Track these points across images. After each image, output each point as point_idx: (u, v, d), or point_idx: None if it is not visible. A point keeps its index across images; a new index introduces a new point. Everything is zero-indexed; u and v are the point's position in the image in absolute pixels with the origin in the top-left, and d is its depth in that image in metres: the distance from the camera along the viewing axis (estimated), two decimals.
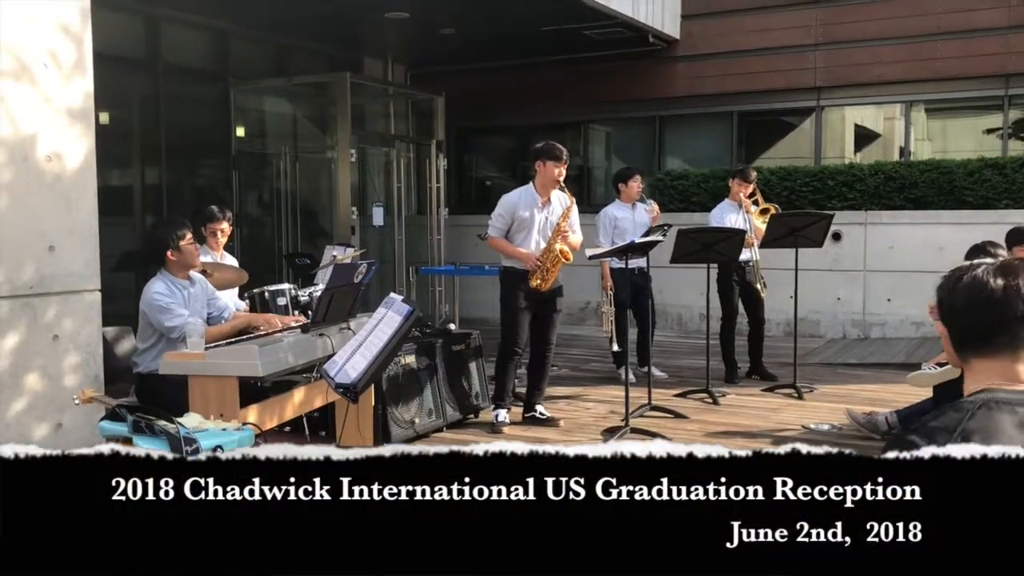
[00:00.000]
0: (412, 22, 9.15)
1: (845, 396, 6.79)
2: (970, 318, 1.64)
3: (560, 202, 6.04)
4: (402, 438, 5.60)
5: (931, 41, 9.92)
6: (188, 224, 4.71)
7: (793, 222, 7.07)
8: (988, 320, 1.62)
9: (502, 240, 6.00)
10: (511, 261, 6.01)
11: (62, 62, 4.22)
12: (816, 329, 9.89)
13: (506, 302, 6.02)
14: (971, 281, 1.65)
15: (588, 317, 11.10)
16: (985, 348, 1.63)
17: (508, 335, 6.02)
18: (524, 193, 6.04)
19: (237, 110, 9.71)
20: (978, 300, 1.63)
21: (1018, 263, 1.67)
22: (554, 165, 5.90)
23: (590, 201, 11.98)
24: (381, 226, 10.15)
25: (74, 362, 4.26)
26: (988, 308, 1.62)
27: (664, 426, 6.00)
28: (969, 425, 1.49)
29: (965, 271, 1.70)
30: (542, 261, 5.88)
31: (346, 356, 3.11)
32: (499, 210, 6.03)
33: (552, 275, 5.92)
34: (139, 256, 8.26)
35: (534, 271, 5.88)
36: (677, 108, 11.42)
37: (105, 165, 7.24)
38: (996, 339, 1.62)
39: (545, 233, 5.95)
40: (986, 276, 1.64)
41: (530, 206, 5.97)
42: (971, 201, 9.31)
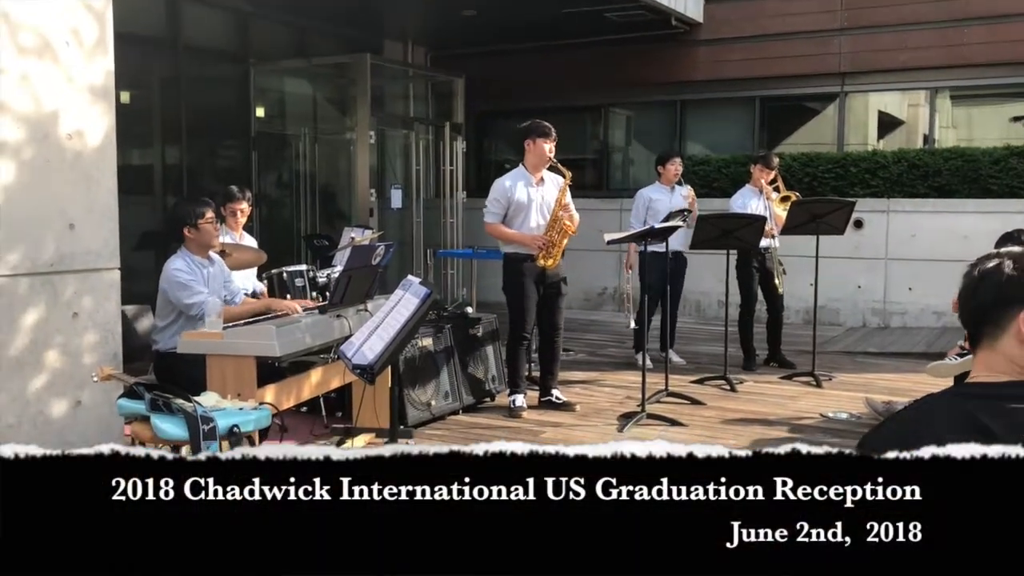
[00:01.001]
0: (433, 4, 9.11)
1: (864, 385, 6.74)
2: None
3: (553, 181, 5.98)
4: (418, 420, 5.61)
5: (958, 27, 9.77)
6: (210, 203, 4.70)
7: (815, 209, 7.00)
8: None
9: (500, 226, 5.95)
10: (512, 247, 5.95)
11: (84, 40, 4.22)
12: (836, 317, 9.81)
13: (511, 288, 5.99)
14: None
15: (605, 302, 11.08)
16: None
17: (516, 321, 6.00)
18: (516, 175, 5.98)
19: (257, 91, 9.71)
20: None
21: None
22: (544, 141, 5.83)
23: (609, 185, 11.94)
24: (399, 208, 10.14)
25: (93, 340, 4.28)
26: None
27: (681, 412, 5.98)
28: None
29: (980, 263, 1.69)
30: (548, 237, 5.84)
31: (363, 338, 3.11)
32: (493, 195, 5.97)
33: (559, 250, 5.86)
34: (159, 235, 8.31)
35: (541, 249, 5.84)
36: (699, 92, 11.33)
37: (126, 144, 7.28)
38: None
39: (543, 213, 5.89)
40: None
41: (524, 187, 5.91)
42: (996, 190, 9.19)
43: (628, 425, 5.67)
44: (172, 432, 2.89)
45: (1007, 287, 1.60)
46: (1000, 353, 1.59)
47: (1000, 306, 1.60)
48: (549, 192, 5.93)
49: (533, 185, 5.92)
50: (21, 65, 3.97)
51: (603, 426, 5.76)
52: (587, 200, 10.95)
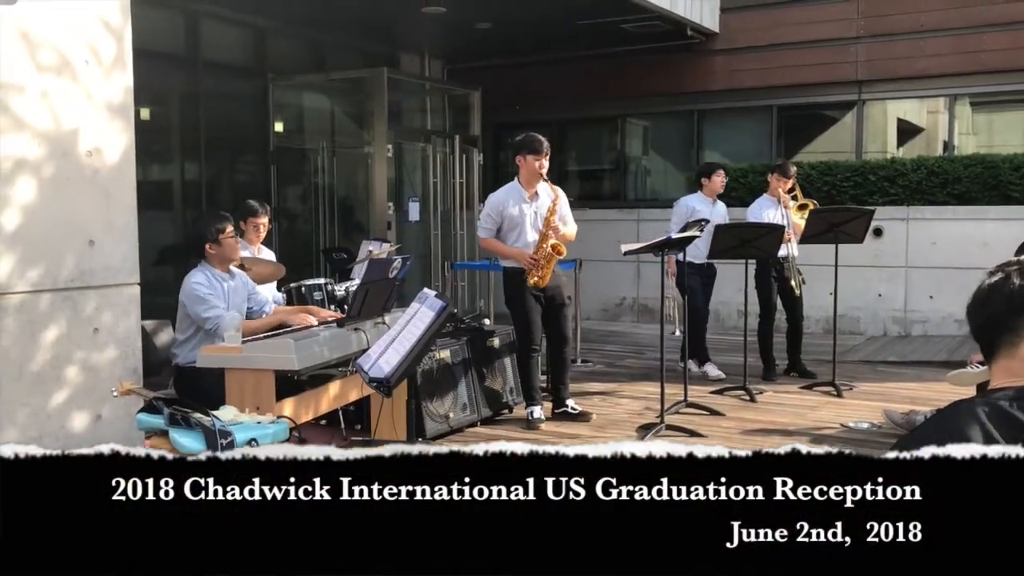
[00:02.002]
0: (449, 17, 9.15)
1: (885, 394, 6.68)
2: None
3: (548, 194, 5.96)
4: (436, 432, 5.61)
5: (976, 34, 9.71)
6: (228, 217, 4.75)
7: (833, 218, 6.96)
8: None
9: (494, 240, 5.95)
10: (509, 261, 5.97)
11: (103, 58, 4.26)
12: (856, 326, 9.75)
13: (513, 302, 6.00)
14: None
15: (624, 313, 11.05)
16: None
17: (522, 333, 6.00)
18: (510, 190, 5.98)
19: (275, 106, 9.78)
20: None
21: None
22: (534, 159, 5.82)
23: (626, 196, 11.92)
24: (417, 221, 10.17)
25: (113, 355, 4.31)
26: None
27: (700, 423, 5.95)
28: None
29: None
30: (536, 258, 5.83)
31: (380, 351, 3.12)
32: (486, 210, 5.98)
33: (548, 271, 5.86)
34: (179, 250, 8.37)
35: (530, 268, 5.83)
36: (715, 102, 11.31)
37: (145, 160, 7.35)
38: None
39: (538, 227, 5.88)
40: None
41: (517, 202, 5.90)
42: (1017, 196, 9.11)
43: (647, 436, 5.65)
44: (191, 446, 2.90)
45: (1019, 296, 1.62)
46: (1022, 359, 1.60)
47: (1014, 314, 1.62)
48: (544, 206, 5.91)
49: (527, 200, 5.91)
50: (40, 83, 4.02)
51: (622, 437, 5.73)
52: (604, 211, 10.97)
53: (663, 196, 8.13)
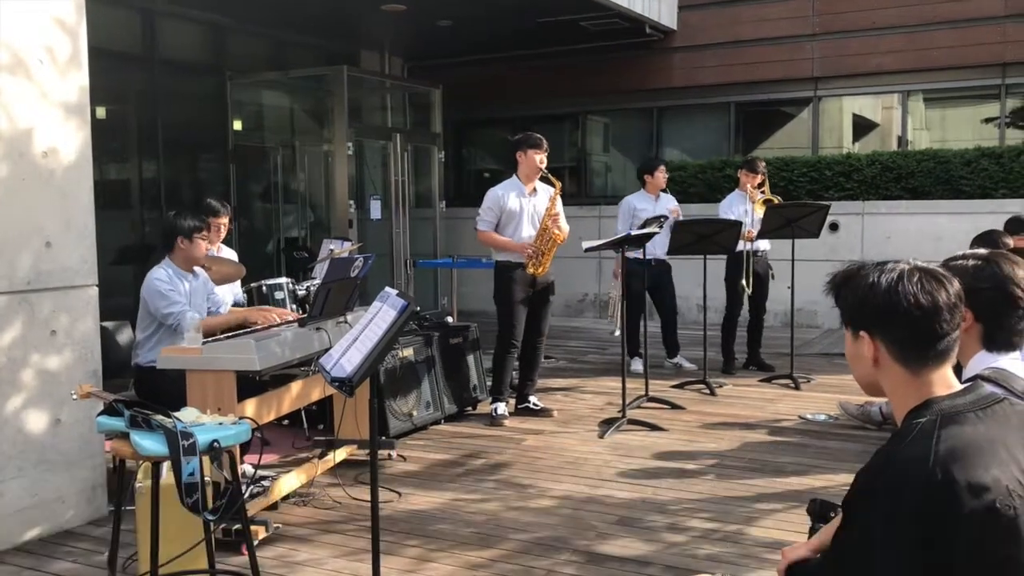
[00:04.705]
0: (409, 15, 9.14)
1: (842, 386, 6.81)
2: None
3: (546, 191, 6.09)
4: (400, 431, 5.62)
5: (927, 31, 9.91)
6: (207, 223, 4.76)
7: (789, 213, 7.07)
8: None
9: (492, 233, 6.03)
10: (504, 255, 6.04)
11: (58, 57, 4.21)
12: (814, 319, 9.90)
13: (502, 296, 6.05)
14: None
15: (586, 309, 11.12)
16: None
17: (505, 329, 6.05)
18: (509, 185, 6.08)
19: (234, 104, 9.70)
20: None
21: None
22: (535, 153, 5.95)
23: (588, 192, 12.00)
24: (379, 219, 10.15)
25: (71, 357, 4.27)
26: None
27: (661, 417, 6.03)
28: (942, 453, 1.48)
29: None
30: (537, 246, 5.91)
31: (342, 350, 3.12)
32: (486, 204, 6.07)
33: (548, 258, 5.96)
34: (138, 250, 8.28)
35: (530, 257, 5.91)
36: (675, 99, 11.42)
37: (103, 160, 7.26)
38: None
39: (535, 222, 6.00)
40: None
41: (517, 197, 6.01)
42: (968, 191, 9.31)
43: (609, 431, 5.71)
44: (152, 448, 2.89)
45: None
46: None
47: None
48: (541, 202, 6.03)
49: (525, 195, 6.01)
50: None
51: (584, 432, 5.79)
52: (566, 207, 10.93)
53: (624, 192, 8.19)
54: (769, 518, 4.22)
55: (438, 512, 4.39)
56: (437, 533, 4.11)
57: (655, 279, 7.42)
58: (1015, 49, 9.59)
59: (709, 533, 4.05)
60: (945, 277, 1.62)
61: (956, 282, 1.63)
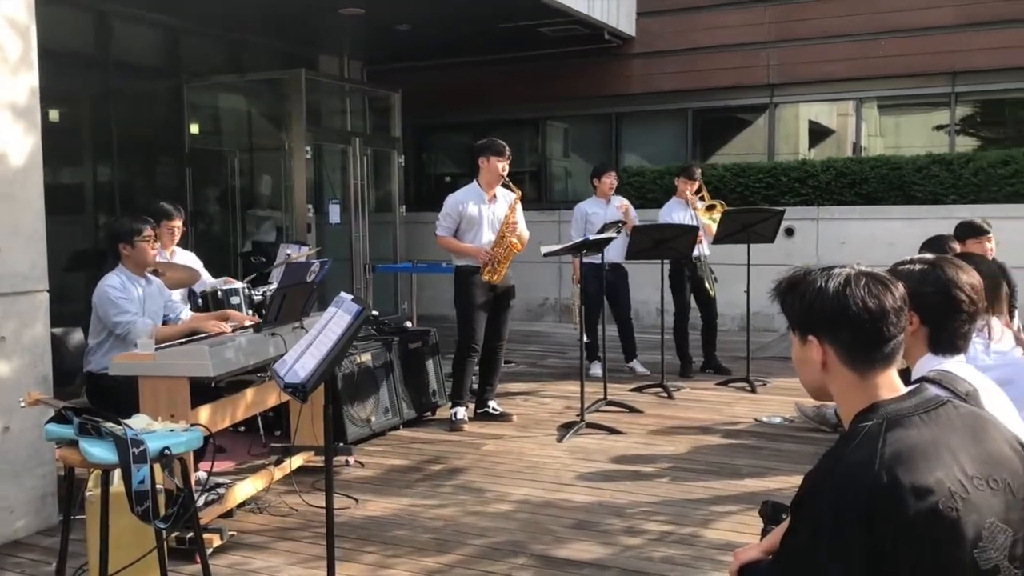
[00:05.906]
0: (367, 18, 9.10)
1: (797, 389, 6.81)
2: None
3: (505, 198, 6.10)
4: (358, 436, 5.59)
5: (875, 39, 10.09)
6: (150, 222, 4.67)
7: (744, 218, 7.16)
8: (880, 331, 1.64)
9: (451, 238, 6.05)
10: (464, 259, 6.04)
11: (7, 57, 4.14)
12: (770, 323, 9.99)
13: (461, 300, 6.05)
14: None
15: (546, 313, 11.14)
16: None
17: (465, 333, 6.05)
18: (469, 191, 6.09)
19: (190, 107, 9.59)
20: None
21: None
22: (497, 160, 5.97)
23: (548, 198, 12.03)
24: (338, 224, 10.09)
25: (20, 364, 4.19)
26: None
27: (619, 421, 6.06)
28: (887, 457, 1.50)
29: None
30: (493, 254, 5.93)
31: (296, 356, 3.10)
32: (445, 210, 6.08)
33: (503, 267, 5.97)
34: (91, 255, 8.15)
35: (486, 264, 5.92)
36: (633, 105, 11.50)
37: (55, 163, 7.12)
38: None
39: (495, 228, 6.02)
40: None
41: (477, 203, 6.02)
42: (920, 196, 9.48)
43: (568, 435, 5.72)
44: (101, 456, 2.84)
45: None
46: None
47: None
48: (501, 209, 6.05)
49: (485, 202, 6.02)
50: None
51: (543, 436, 5.80)
52: (526, 212, 10.96)
53: (583, 198, 8.22)
54: (724, 520, 4.26)
55: (395, 518, 4.37)
56: (394, 539, 4.10)
57: (611, 284, 7.48)
58: (964, 58, 9.80)
59: (665, 536, 4.08)
60: (890, 281, 1.65)
61: (901, 286, 1.66)
